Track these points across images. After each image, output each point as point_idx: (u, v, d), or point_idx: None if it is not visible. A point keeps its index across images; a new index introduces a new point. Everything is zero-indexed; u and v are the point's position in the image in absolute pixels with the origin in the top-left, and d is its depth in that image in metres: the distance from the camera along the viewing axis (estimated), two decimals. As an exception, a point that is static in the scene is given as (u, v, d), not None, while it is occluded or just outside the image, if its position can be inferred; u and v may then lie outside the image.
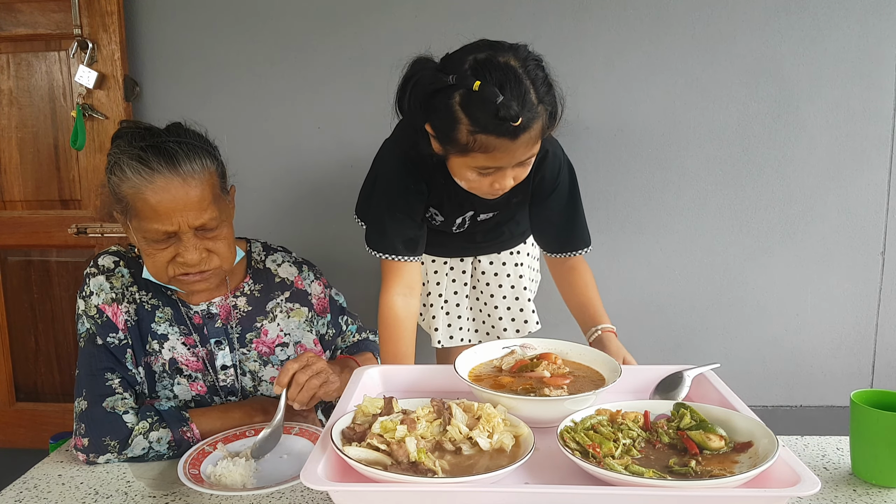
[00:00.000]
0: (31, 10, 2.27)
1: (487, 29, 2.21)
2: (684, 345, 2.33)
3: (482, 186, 1.31)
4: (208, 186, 1.26)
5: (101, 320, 1.31)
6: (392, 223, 1.46)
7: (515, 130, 1.17)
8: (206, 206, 1.25)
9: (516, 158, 1.25)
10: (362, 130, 2.28)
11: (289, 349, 1.44)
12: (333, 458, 0.90)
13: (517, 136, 1.19)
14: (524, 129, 1.18)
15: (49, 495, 1.11)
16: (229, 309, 1.41)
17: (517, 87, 1.16)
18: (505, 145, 1.20)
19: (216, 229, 1.28)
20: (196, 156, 1.26)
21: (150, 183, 1.21)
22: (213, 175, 1.28)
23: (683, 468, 0.87)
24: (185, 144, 1.26)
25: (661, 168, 2.25)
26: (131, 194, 1.23)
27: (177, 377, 1.36)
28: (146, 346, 1.35)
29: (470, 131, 1.19)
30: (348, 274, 2.33)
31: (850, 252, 2.26)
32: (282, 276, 1.47)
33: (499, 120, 1.15)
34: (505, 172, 1.28)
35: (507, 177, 1.29)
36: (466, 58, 1.20)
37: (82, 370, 1.29)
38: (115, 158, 1.25)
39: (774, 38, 2.16)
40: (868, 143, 2.20)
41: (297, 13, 2.24)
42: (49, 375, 2.55)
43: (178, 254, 1.26)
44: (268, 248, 1.50)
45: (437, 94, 1.20)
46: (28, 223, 2.42)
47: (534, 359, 1.19)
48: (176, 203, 1.22)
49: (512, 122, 1.15)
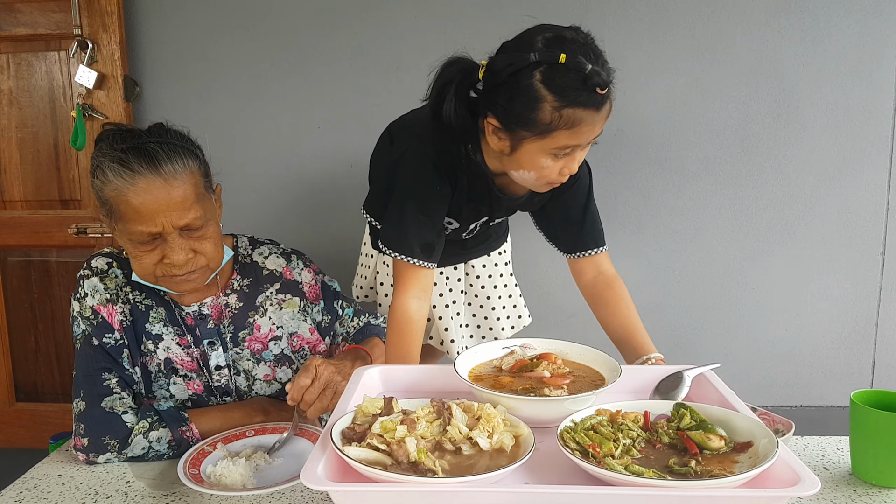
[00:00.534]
0: (31, 10, 2.27)
1: (487, 29, 2.22)
2: (684, 345, 2.33)
3: (551, 174, 1.28)
4: (191, 186, 1.25)
5: (96, 321, 1.32)
6: (414, 225, 1.41)
7: (602, 99, 1.17)
8: (189, 206, 1.24)
9: (595, 132, 1.23)
10: (362, 130, 2.28)
11: (282, 342, 1.43)
12: (333, 458, 0.90)
13: (602, 105, 1.19)
14: (608, 98, 1.19)
15: (49, 495, 1.11)
16: (221, 308, 1.40)
17: (597, 55, 1.18)
18: (591, 117, 1.19)
19: (201, 228, 1.27)
20: (177, 156, 1.25)
21: (132, 185, 1.20)
22: (195, 174, 1.27)
23: (683, 468, 0.87)
24: (167, 145, 1.25)
25: (661, 168, 2.25)
26: (114, 197, 1.22)
27: (172, 377, 1.36)
28: (141, 347, 1.35)
29: (555, 107, 1.17)
30: (348, 273, 2.33)
31: (850, 252, 2.26)
32: (270, 269, 1.46)
33: (587, 90, 1.15)
34: (576, 155, 1.26)
35: (578, 159, 1.27)
36: (535, 38, 1.20)
37: (79, 371, 1.30)
38: (98, 162, 1.24)
39: (774, 38, 2.16)
40: (868, 143, 2.20)
41: (296, 13, 2.24)
42: (49, 375, 2.55)
43: (165, 255, 1.25)
44: (254, 241, 1.49)
45: (516, 76, 1.18)
46: (28, 223, 2.42)
47: (534, 359, 1.19)
48: (159, 204, 1.21)
49: (601, 89, 1.15)
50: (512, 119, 1.22)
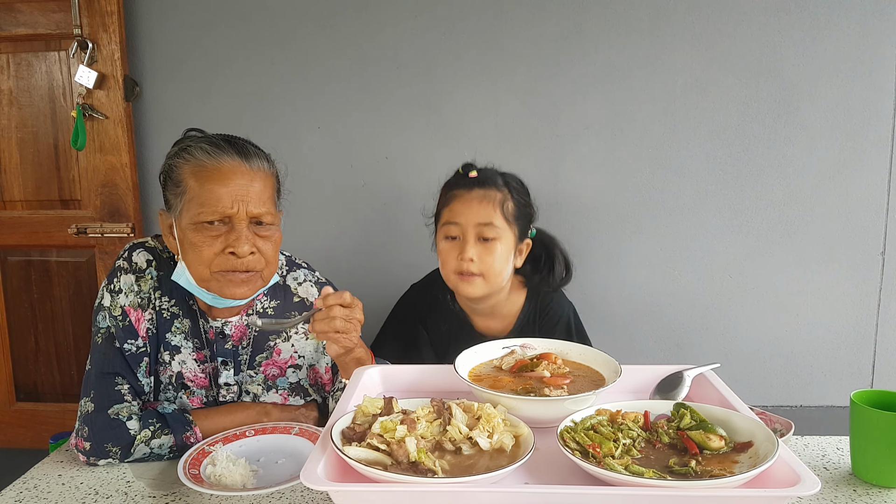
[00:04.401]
0: (31, 10, 2.27)
1: (487, 29, 2.22)
2: (684, 345, 2.33)
3: (450, 259, 1.51)
4: (269, 186, 1.30)
5: (123, 323, 1.30)
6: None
7: (471, 181, 1.49)
8: (265, 200, 1.27)
9: (472, 214, 1.48)
10: (362, 130, 2.28)
11: (301, 372, 1.42)
12: (333, 458, 0.90)
13: (472, 188, 1.49)
14: (479, 183, 1.49)
15: (49, 495, 1.11)
16: (244, 329, 1.39)
17: (487, 168, 1.57)
18: (461, 196, 1.50)
19: (270, 227, 1.29)
20: (261, 155, 1.32)
21: (217, 163, 1.24)
22: (272, 179, 1.32)
23: (683, 468, 0.87)
24: (253, 145, 1.32)
25: (661, 168, 2.25)
26: (196, 173, 1.24)
27: (181, 391, 1.36)
28: (158, 357, 1.34)
29: (444, 191, 1.55)
30: (348, 273, 2.33)
31: (850, 252, 2.25)
32: (301, 296, 1.44)
33: (461, 174, 1.52)
34: (466, 242, 1.49)
35: (469, 247, 1.48)
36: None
37: (94, 367, 1.28)
38: (185, 145, 1.28)
39: (774, 38, 2.16)
40: (868, 143, 2.20)
41: (296, 13, 2.24)
42: (49, 375, 2.55)
43: (229, 244, 1.24)
44: (291, 263, 1.47)
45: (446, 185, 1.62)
46: (28, 223, 2.42)
47: (534, 359, 1.19)
48: (238, 187, 1.24)
49: (469, 173, 1.49)
50: (435, 216, 1.61)
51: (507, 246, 1.51)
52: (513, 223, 1.51)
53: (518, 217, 1.54)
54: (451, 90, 2.24)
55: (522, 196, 1.57)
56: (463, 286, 1.51)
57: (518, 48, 2.21)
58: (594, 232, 2.29)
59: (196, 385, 1.36)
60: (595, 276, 2.29)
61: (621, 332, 2.33)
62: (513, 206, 1.51)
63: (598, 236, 2.29)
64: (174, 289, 1.33)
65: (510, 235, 1.52)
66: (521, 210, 1.55)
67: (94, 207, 2.33)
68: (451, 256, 1.49)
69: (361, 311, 1.23)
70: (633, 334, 2.34)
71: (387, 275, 2.32)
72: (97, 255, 2.37)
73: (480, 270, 1.48)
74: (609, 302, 2.32)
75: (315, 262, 1.56)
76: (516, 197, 1.54)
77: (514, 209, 1.51)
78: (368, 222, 2.32)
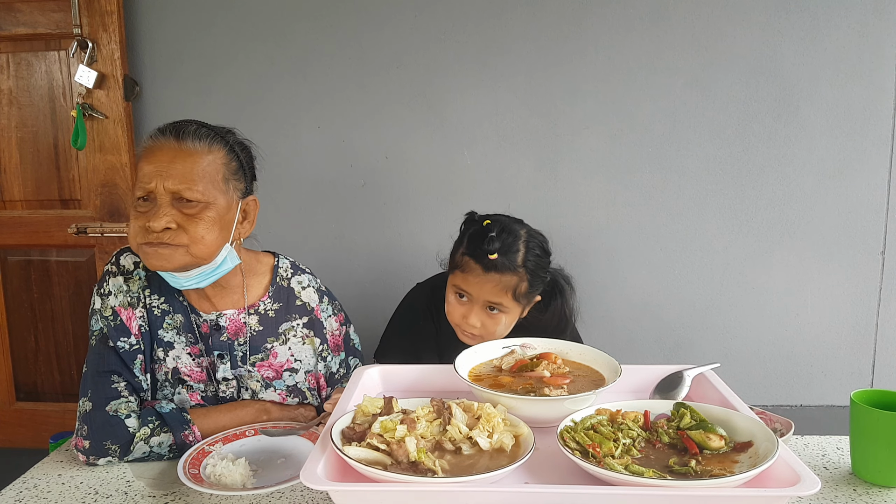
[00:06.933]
0: (31, 9, 2.27)
1: (488, 29, 2.22)
2: (684, 345, 2.33)
3: (456, 314, 1.52)
4: (206, 165, 1.26)
5: (115, 322, 1.31)
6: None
7: (488, 264, 1.45)
8: (193, 179, 1.24)
9: (484, 293, 1.47)
10: (362, 130, 2.28)
11: (298, 375, 1.42)
12: (333, 457, 0.90)
13: (488, 270, 1.45)
14: (496, 268, 1.45)
15: (49, 495, 1.11)
16: (240, 325, 1.39)
17: (509, 239, 1.49)
18: (477, 272, 1.47)
19: (196, 206, 1.24)
20: (205, 137, 1.29)
21: (153, 143, 1.27)
22: (217, 159, 1.28)
23: (683, 468, 0.87)
24: (204, 128, 1.30)
25: (661, 168, 2.25)
26: (140, 156, 1.28)
27: (179, 387, 1.36)
28: (153, 354, 1.35)
29: (462, 252, 1.51)
30: (347, 273, 2.34)
31: (850, 252, 2.25)
32: (303, 301, 1.45)
33: (481, 249, 1.46)
34: (473, 308, 1.49)
35: (476, 314, 1.49)
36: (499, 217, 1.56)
37: (90, 368, 1.29)
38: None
39: (774, 37, 2.16)
40: (868, 143, 2.20)
41: (296, 13, 2.24)
42: (49, 375, 2.55)
43: (148, 219, 1.23)
44: (296, 267, 1.48)
45: (465, 224, 1.59)
46: (28, 223, 2.42)
47: (534, 359, 1.19)
48: (161, 165, 1.24)
49: (489, 254, 1.45)
50: (452, 255, 1.57)
51: (512, 316, 1.54)
52: (521, 300, 1.51)
53: (529, 293, 1.53)
54: (451, 89, 2.24)
55: (539, 271, 1.53)
56: (464, 338, 1.55)
57: (518, 47, 2.21)
58: (594, 232, 2.29)
59: (193, 380, 1.36)
60: (595, 276, 2.29)
61: (621, 332, 2.33)
62: (526, 286, 1.50)
63: (597, 236, 2.29)
64: (163, 286, 1.34)
65: (518, 308, 1.53)
66: (533, 287, 1.53)
67: (94, 207, 2.33)
68: (457, 311, 1.52)
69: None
70: (633, 334, 2.34)
71: (387, 275, 2.32)
72: (97, 255, 2.37)
73: (482, 334, 1.51)
74: (609, 302, 2.32)
75: (314, 262, 1.56)
76: (531, 276, 1.50)
77: (526, 289, 1.50)
78: (368, 222, 2.32)
